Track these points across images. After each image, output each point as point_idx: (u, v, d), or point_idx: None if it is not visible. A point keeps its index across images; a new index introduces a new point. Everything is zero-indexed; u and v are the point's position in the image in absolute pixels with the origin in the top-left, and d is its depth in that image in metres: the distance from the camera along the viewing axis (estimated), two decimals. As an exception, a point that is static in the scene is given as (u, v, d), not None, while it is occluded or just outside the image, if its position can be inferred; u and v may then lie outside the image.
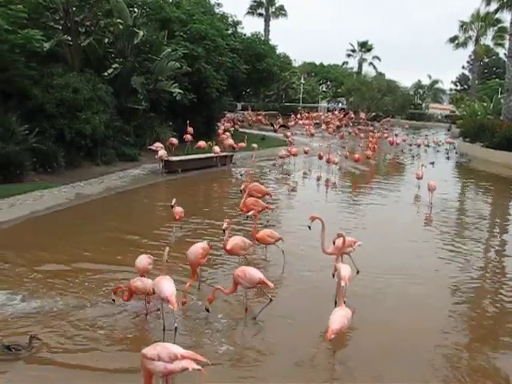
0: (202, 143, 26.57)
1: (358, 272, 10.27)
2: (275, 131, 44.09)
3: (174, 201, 13.09)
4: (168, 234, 13.78)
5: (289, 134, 36.39)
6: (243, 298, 9.18)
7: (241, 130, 41.00)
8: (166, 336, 8.05)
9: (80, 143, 20.77)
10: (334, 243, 9.72)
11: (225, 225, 10.14)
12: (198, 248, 9.38)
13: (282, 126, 46.57)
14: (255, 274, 8.76)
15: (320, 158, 26.46)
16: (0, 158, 17.23)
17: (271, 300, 8.88)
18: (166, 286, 8.00)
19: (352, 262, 10.23)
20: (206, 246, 9.57)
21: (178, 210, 13.22)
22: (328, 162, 25.27)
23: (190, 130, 27.78)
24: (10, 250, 11.94)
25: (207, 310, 8.67)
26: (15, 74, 19.27)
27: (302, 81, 70.67)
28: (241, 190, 14.99)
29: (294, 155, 27.61)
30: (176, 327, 7.95)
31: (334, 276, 9.52)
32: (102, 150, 22.26)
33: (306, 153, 29.24)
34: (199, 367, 6.09)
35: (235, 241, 10.34)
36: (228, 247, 10.18)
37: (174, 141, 25.89)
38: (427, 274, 11.56)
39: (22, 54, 19.33)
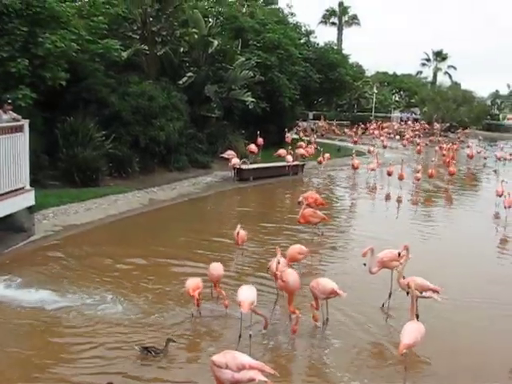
0: (282, 151, 26.39)
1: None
2: (355, 143, 40.34)
3: (238, 227, 11.96)
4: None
5: (371, 148, 33.35)
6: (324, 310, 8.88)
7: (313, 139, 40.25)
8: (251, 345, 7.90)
9: (154, 150, 21.21)
10: (399, 255, 9.24)
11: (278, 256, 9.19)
12: (296, 275, 8.87)
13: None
14: (327, 284, 8.58)
15: (389, 174, 23.59)
16: (78, 162, 17.82)
17: (327, 320, 8.74)
18: (244, 291, 8.09)
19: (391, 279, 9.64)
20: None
21: (242, 234, 11.95)
22: (400, 178, 22.55)
23: (260, 140, 27.57)
24: (86, 252, 12.25)
25: (317, 327, 8.68)
26: (95, 82, 19.90)
27: (375, 90, 69.63)
28: (298, 202, 14.39)
29: (356, 168, 25.67)
30: (250, 335, 7.91)
31: (408, 294, 9.00)
32: (175, 156, 22.61)
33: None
34: (265, 379, 6.03)
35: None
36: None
37: (253, 148, 26.14)
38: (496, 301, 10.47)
39: (101, 62, 19.96)
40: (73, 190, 17.11)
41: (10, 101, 13.40)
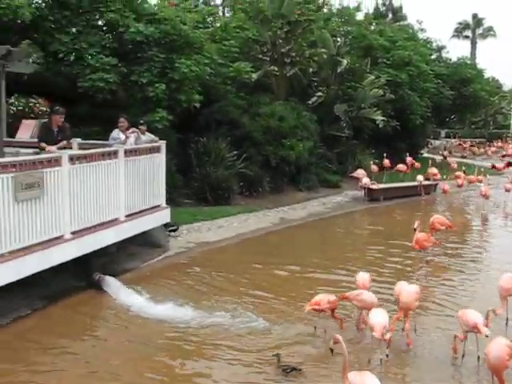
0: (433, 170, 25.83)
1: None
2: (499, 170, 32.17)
3: (358, 274, 9.93)
4: (373, 260, 13.59)
5: None
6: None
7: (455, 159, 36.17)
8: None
9: (284, 169, 21.36)
10: None
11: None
12: (412, 293, 8.71)
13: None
14: (472, 317, 7.96)
15: None
16: (211, 181, 18.32)
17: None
18: (376, 315, 7.94)
19: None
20: (419, 289, 8.92)
21: (365, 279, 9.63)
22: None
23: (387, 162, 26.58)
24: (218, 268, 12.49)
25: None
26: (227, 103, 20.45)
27: (513, 106, 66.20)
28: (414, 229, 13.12)
29: (485, 196, 21.19)
30: (383, 357, 7.73)
31: None
32: (304, 176, 22.63)
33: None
34: None
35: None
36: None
37: (402, 167, 26.12)
38: None
39: (232, 85, 20.49)
40: (205, 209, 17.58)
41: (142, 121, 14.05)
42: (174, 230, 14.39)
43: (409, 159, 28.61)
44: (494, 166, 31.75)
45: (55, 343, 8.46)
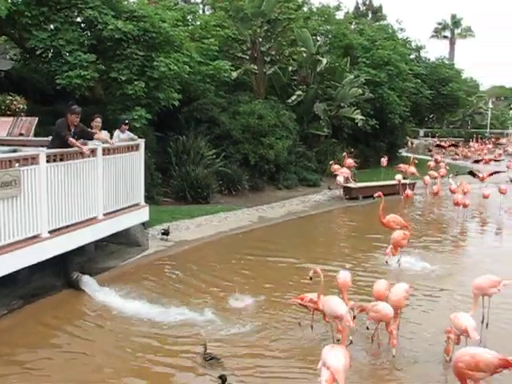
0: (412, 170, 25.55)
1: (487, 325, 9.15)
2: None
3: (340, 272, 9.51)
4: (349, 256, 13.68)
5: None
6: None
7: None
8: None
9: (263, 168, 21.44)
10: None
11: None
12: (401, 290, 8.78)
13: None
14: (464, 321, 7.89)
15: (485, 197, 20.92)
16: (190, 179, 18.32)
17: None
18: (336, 303, 8.05)
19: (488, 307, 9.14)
20: (408, 288, 8.94)
21: (346, 278, 9.31)
22: None
23: (350, 162, 25.00)
24: (196, 266, 12.53)
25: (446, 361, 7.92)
26: (206, 102, 20.48)
27: (490, 105, 66.85)
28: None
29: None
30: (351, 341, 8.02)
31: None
32: (284, 174, 22.74)
33: (502, 192, 21.31)
34: None
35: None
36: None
37: (404, 167, 25.69)
38: None
39: (212, 83, 20.47)
40: (184, 207, 17.59)
41: (127, 121, 13.99)
42: (166, 234, 14.37)
43: (383, 160, 27.95)
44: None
45: (31, 344, 8.39)
